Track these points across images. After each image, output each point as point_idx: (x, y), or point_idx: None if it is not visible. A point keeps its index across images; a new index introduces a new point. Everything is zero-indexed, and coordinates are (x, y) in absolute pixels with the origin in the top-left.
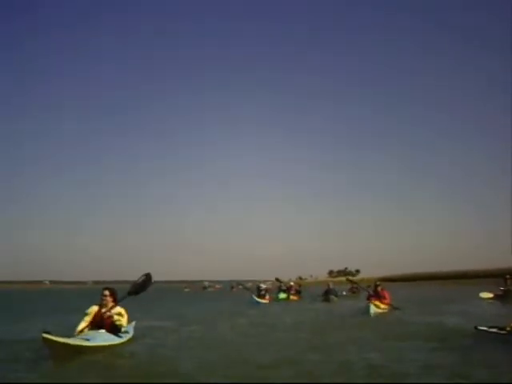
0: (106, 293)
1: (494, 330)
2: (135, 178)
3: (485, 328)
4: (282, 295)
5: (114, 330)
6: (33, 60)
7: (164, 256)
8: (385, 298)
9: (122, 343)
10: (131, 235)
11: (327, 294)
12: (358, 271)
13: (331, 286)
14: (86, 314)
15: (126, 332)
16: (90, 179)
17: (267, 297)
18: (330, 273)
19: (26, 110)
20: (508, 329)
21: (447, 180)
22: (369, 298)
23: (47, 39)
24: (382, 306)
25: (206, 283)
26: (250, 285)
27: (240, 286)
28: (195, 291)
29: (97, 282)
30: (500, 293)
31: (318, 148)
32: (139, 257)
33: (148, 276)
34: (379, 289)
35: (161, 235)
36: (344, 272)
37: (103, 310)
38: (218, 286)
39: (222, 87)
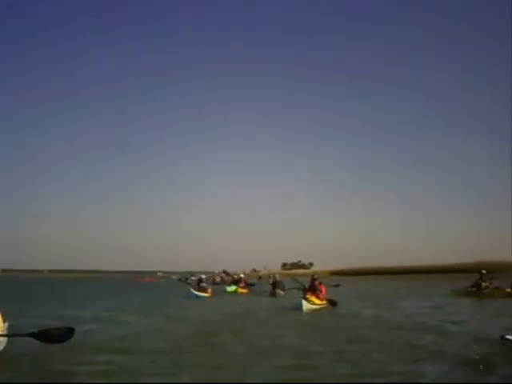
0: None
1: None
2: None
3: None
4: (231, 288)
5: None
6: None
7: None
8: (321, 292)
9: None
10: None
11: (274, 288)
12: (311, 264)
13: (278, 279)
14: None
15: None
16: None
17: (209, 290)
18: (284, 265)
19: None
20: None
21: (411, 171)
22: (305, 293)
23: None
24: (317, 301)
25: (159, 274)
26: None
27: (193, 278)
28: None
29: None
30: (472, 289)
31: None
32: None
33: (70, 331)
34: (316, 283)
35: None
36: (297, 265)
37: None
38: (173, 277)
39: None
